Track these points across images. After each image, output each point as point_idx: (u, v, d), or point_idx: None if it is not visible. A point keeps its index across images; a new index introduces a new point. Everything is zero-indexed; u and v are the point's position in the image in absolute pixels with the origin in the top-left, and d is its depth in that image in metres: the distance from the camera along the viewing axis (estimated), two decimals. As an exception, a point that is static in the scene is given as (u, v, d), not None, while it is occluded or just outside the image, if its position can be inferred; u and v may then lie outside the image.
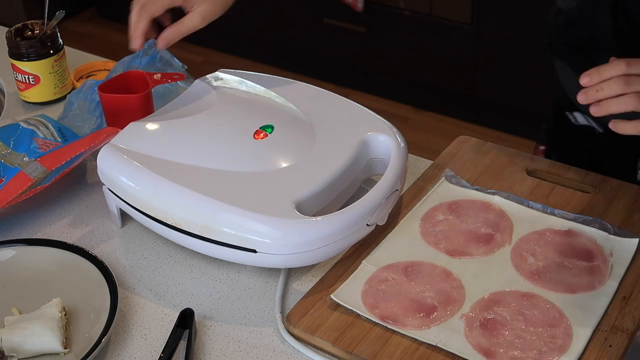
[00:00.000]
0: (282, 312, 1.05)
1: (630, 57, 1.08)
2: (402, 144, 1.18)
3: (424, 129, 3.02)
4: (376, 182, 1.12)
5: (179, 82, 1.40)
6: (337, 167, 1.13)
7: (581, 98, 0.98)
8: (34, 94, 1.48)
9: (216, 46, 3.53)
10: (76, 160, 1.21)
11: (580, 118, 1.36)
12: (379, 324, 1.01)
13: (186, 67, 1.45)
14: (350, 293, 1.05)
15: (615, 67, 0.96)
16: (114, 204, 1.18)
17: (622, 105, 0.96)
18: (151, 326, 1.05)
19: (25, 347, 0.99)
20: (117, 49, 2.18)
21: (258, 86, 1.29)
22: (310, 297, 1.05)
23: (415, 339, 0.99)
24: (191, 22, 1.23)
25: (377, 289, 1.06)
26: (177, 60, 1.45)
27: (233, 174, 1.11)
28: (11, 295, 1.08)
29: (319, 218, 1.05)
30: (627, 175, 1.28)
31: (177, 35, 1.24)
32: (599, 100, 0.97)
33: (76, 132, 1.36)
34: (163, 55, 1.44)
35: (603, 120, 1.25)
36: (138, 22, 1.22)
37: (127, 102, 1.29)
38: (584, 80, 0.98)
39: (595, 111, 0.97)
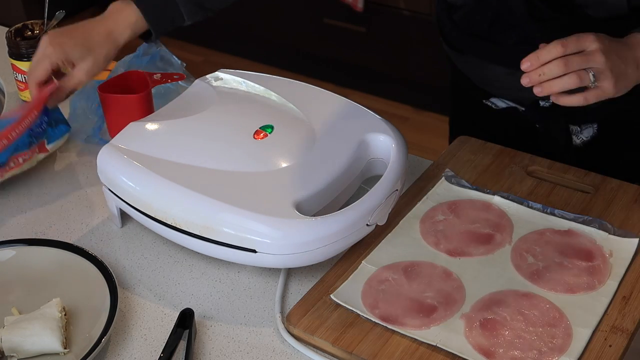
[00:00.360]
0: (282, 312, 1.05)
1: (542, 27, 1.18)
2: (402, 144, 1.18)
3: (424, 129, 3.02)
4: (376, 182, 1.12)
5: (179, 81, 1.40)
6: (337, 167, 1.13)
7: (524, 81, 1.03)
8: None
9: (216, 46, 3.52)
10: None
11: (500, 103, 1.39)
12: (379, 324, 1.01)
13: (185, 64, 1.45)
14: (350, 293, 1.05)
15: (553, 50, 1.02)
16: (114, 204, 1.18)
17: (565, 84, 1.02)
18: (151, 326, 1.05)
19: (25, 347, 0.99)
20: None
21: (258, 86, 1.29)
22: (310, 297, 1.05)
23: (415, 339, 0.99)
24: (75, 79, 1.27)
25: (377, 289, 1.06)
26: (177, 59, 1.45)
27: (233, 174, 1.11)
28: (11, 295, 1.08)
29: (319, 218, 1.05)
30: (563, 143, 1.34)
31: (63, 95, 1.29)
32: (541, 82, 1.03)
33: (78, 133, 1.36)
34: (164, 54, 1.44)
35: (522, 99, 1.33)
36: (31, 89, 1.27)
37: (127, 102, 1.29)
38: (524, 65, 1.03)
39: (538, 92, 1.03)
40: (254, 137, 1.15)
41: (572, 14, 1.20)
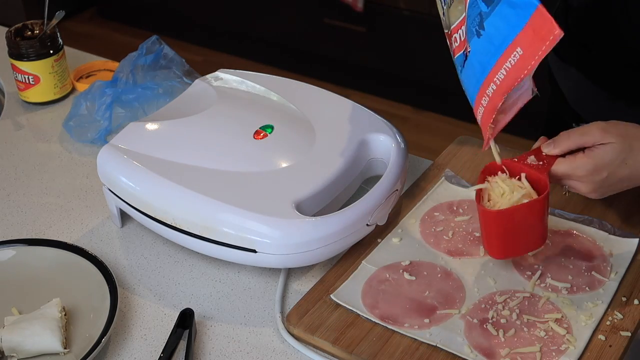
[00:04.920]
0: (282, 312, 1.05)
1: None
2: (402, 144, 1.18)
3: (424, 129, 3.02)
4: (376, 182, 1.12)
5: (176, 81, 1.40)
6: (337, 167, 1.13)
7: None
8: (34, 94, 1.47)
9: (216, 46, 3.52)
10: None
11: None
12: (379, 324, 1.01)
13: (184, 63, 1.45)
14: (350, 293, 1.05)
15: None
16: (114, 204, 1.18)
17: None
18: (151, 326, 1.05)
19: (25, 347, 0.99)
20: (117, 49, 2.18)
21: (258, 86, 1.29)
22: (310, 297, 1.05)
23: (415, 339, 0.99)
24: None
25: (377, 289, 1.06)
26: (180, 58, 1.45)
27: (233, 174, 1.11)
28: (11, 295, 1.08)
29: (319, 218, 1.05)
30: None
31: None
32: None
33: (82, 134, 1.36)
34: (167, 52, 1.44)
35: None
36: None
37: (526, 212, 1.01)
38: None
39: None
40: (254, 137, 1.16)
41: None
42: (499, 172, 1.03)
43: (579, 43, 1.24)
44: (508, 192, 1.00)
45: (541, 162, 1.02)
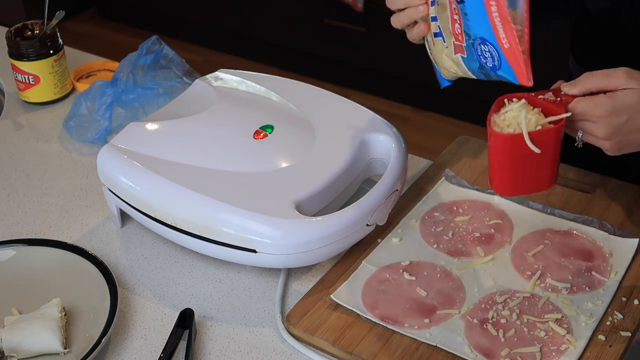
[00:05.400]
0: (282, 312, 1.05)
1: None
2: (402, 144, 1.18)
3: (424, 129, 3.02)
4: (376, 182, 1.12)
5: (176, 81, 1.40)
6: (337, 167, 1.13)
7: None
8: (34, 94, 1.47)
9: (216, 46, 3.52)
10: None
11: None
12: (379, 324, 1.01)
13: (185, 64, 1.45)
14: (350, 293, 1.05)
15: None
16: (114, 204, 1.18)
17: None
18: (151, 326, 1.05)
19: (25, 347, 0.99)
20: (117, 49, 2.18)
21: (258, 86, 1.29)
22: (310, 297, 1.05)
23: (415, 339, 0.99)
24: None
25: (377, 289, 1.06)
26: (180, 58, 1.45)
27: (233, 174, 1.11)
28: (11, 295, 1.08)
29: (319, 218, 1.05)
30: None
31: None
32: None
33: (82, 134, 1.36)
34: (167, 52, 1.44)
35: None
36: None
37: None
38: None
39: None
40: (254, 137, 1.15)
41: None
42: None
43: (596, 48, 1.24)
44: (522, 116, 0.96)
45: (559, 99, 0.98)
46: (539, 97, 0.98)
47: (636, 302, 1.02)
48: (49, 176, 1.32)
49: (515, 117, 0.96)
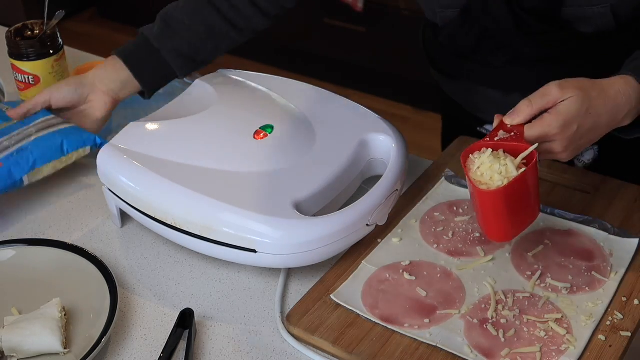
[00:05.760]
0: (282, 312, 1.05)
1: (532, 42, 1.16)
2: (402, 144, 1.18)
3: (424, 129, 3.02)
4: (376, 182, 1.12)
5: (176, 81, 1.40)
6: (337, 167, 1.13)
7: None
8: (34, 94, 1.47)
9: (216, 46, 3.52)
10: None
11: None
12: (379, 324, 1.01)
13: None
14: (350, 293, 1.05)
15: (521, 113, 1.02)
16: (114, 204, 1.18)
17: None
18: (151, 326, 1.05)
19: (25, 347, 0.99)
20: (117, 49, 2.17)
21: (258, 86, 1.29)
22: (310, 297, 1.05)
23: (415, 339, 0.99)
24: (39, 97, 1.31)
25: (377, 289, 1.06)
26: None
27: (233, 174, 1.11)
28: (11, 295, 1.08)
29: (319, 218, 1.05)
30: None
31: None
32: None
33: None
34: None
35: None
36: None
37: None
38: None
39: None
40: (254, 137, 1.16)
41: (562, 29, 1.19)
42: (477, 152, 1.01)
43: (456, 55, 1.30)
44: (499, 162, 0.98)
45: (512, 133, 1.01)
46: (495, 139, 1.01)
47: (636, 302, 1.02)
48: (49, 176, 1.32)
49: (492, 168, 0.98)
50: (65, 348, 1.00)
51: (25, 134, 1.25)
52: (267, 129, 1.17)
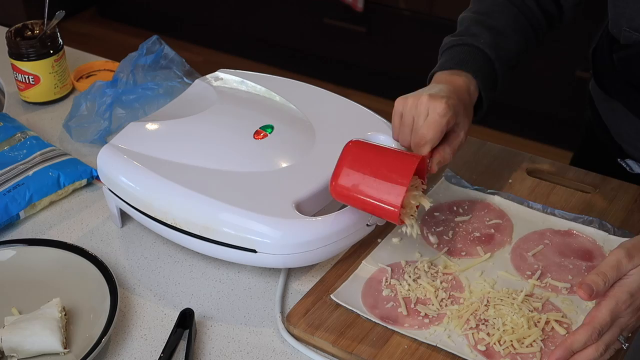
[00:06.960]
0: (282, 312, 1.05)
1: None
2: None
3: (424, 129, 3.02)
4: (376, 182, 1.11)
5: (177, 81, 1.40)
6: (337, 167, 1.12)
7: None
8: (34, 94, 1.48)
9: (216, 46, 3.53)
10: None
11: (636, 167, 1.29)
12: (379, 324, 1.01)
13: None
14: (350, 293, 1.05)
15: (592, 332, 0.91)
16: (114, 204, 1.18)
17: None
18: (151, 326, 1.05)
19: (25, 347, 0.99)
20: (117, 49, 2.18)
21: (258, 86, 1.29)
22: (310, 297, 1.05)
23: (415, 339, 0.99)
24: (460, 139, 1.13)
25: (377, 289, 1.06)
26: (180, 58, 1.45)
27: (233, 174, 1.11)
28: (11, 295, 1.08)
29: (319, 218, 1.05)
30: None
31: (449, 156, 1.13)
32: None
33: (82, 134, 1.36)
34: (167, 52, 1.44)
35: None
36: (424, 149, 1.10)
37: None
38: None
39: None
40: (254, 137, 1.16)
41: None
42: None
43: (624, 80, 1.22)
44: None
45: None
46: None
47: (636, 302, 1.02)
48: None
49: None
50: (65, 348, 1.00)
51: (21, 168, 1.24)
52: (267, 129, 1.17)
